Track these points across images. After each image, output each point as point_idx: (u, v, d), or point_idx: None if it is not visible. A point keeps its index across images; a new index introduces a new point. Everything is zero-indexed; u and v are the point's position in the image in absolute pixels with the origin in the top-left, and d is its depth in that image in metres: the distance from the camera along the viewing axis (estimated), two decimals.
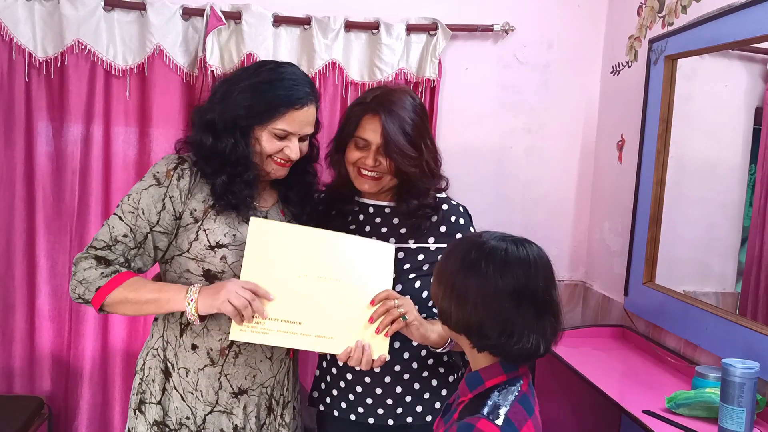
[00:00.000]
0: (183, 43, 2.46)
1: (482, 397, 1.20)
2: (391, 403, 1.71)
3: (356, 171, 1.72)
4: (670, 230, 2.26)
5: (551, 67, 2.70)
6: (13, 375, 2.48)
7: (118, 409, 2.53)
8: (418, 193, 1.72)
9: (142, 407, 1.61)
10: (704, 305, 2.01)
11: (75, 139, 2.46)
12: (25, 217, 2.45)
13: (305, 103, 1.57)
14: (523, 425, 1.16)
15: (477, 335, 1.21)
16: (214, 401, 1.59)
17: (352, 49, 2.53)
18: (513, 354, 1.20)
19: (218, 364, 1.58)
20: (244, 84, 1.56)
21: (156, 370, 1.61)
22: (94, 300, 1.51)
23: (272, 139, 1.57)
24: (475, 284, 1.19)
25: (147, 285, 1.54)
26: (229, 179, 1.55)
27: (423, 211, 1.72)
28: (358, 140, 1.69)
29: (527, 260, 1.21)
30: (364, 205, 1.80)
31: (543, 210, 2.76)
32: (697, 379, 1.83)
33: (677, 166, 2.24)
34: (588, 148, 2.76)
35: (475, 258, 1.21)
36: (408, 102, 1.70)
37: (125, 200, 1.56)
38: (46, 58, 2.39)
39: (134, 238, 1.53)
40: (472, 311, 1.19)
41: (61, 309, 2.51)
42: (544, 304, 1.22)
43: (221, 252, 1.55)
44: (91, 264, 1.51)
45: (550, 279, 1.24)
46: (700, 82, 2.25)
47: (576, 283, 2.81)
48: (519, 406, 1.18)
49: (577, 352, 2.24)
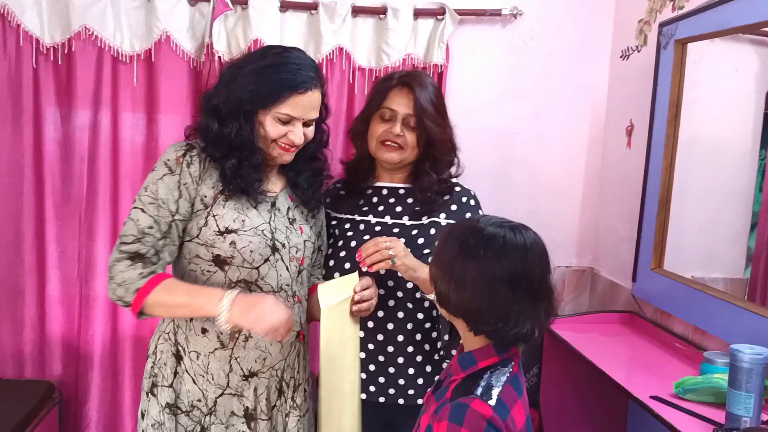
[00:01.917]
0: (190, 29, 2.45)
1: (475, 378, 1.23)
2: (402, 384, 1.75)
3: (380, 143, 1.77)
4: (678, 216, 2.25)
5: (559, 52, 2.67)
6: (24, 360, 2.51)
7: (128, 393, 2.55)
8: (439, 167, 1.83)
9: (155, 390, 1.62)
10: (713, 291, 2.01)
11: (83, 125, 2.46)
12: (33, 203, 2.46)
13: (309, 88, 1.56)
14: (514, 405, 1.20)
15: (474, 320, 1.24)
16: (225, 384, 1.61)
17: (359, 34, 2.52)
18: (509, 338, 1.23)
19: (228, 347, 1.60)
20: (249, 68, 1.57)
21: (167, 353, 1.63)
22: (134, 303, 1.51)
23: (276, 123, 1.57)
24: (474, 270, 1.21)
25: (180, 287, 1.54)
26: (237, 163, 1.55)
27: (439, 187, 1.82)
28: (385, 111, 1.79)
29: (524, 246, 1.23)
30: (377, 188, 1.84)
31: (550, 196, 2.75)
32: (705, 365, 1.83)
33: (686, 152, 2.22)
34: (596, 133, 2.75)
35: (473, 244, 1.23)
36: (430, 81, 1.88)
37: (143, 193, 1.55)
38: (53, 44, 2.39)
39: (159, 228, 1.53)
40: (470, 297, 1.22)
41: (70, 294, 2.52)
42: (540, 290, 1.24)
43: (230, 237, 1.56)
44: (127, 264, 1.51)
45: (546, 264, 1.26)
46: (710, 67, 2.23)
47: (584, 269, 2.80)
48: (510, 387, 1.21)
49: (584, 337, 2.25)
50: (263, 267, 1.59)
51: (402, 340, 1.77)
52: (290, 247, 1.64)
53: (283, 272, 1.62)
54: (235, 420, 1.62)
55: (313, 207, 1.75)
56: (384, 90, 1.82)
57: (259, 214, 1.61)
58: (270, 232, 1.61)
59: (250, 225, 1.57)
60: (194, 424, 1.61)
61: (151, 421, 1.62)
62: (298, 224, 1.69)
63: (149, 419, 1.62)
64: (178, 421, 1.61)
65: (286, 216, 1.67)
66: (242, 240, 1.56)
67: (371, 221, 1.84)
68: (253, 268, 1.58)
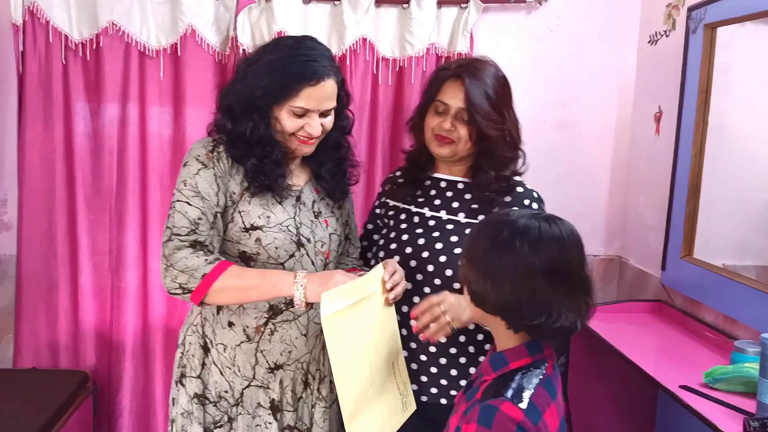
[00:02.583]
0: (215, 22, 2.47)
1: (506, 379, 1.19)
2: (445, 384, 1.73)
3: (433, 135, 1.72)
4: (708, 203, 2.22)
5: (585, 38, 2.64)
6: (58, 350, 2.57)
7: (160, 383, 2.60)
8: (498, 163, 1.73)
9: (183, 380, 1.65)
10: (744, 279, 1.98)
11: (111, 119, 2.50)
12: (65, 197, 2.51)
13: (321, 78, 1.53)
14: (546, 409, 1.15)
15: (514, 316, 1.19)
16: (251, 376, 1.63)
17: (382, 25, 2.52)
18: (551, 332, 1.18)
19: (254, 340, 1.61)
20: (260, 63, 1.55)
21: (196, 345, 1.65)
22: (198, 288, 1.46)
23: (291, 117, 1.55)
24: (510, 263, 1.17)
25: (247, 270, 1.54)
26: (258, 161, 1.55)
27: (498, 185, 1.72)
28: (438, 104, 1.71)
29: (561, 237, 1.19)
30: (436, 180, 1.80)
31: (577, 184, 2.72)
32: (735, 354, 1.80)
33: (716, 138, 2.19)
34: (624, 120, 2.71)
35: (507, 236, 1.18)
36: (491, 70, 1.74)
37: (182, 188, 1.53)
38: (81, 40, 2.43)
39: (207, 219, 1.52)
40: (510, 290, 1.17)
41: (102, 286, 2.57)
42: (579, 281, 1.20)
43: (256, 234, 1.57)
44: (189, 252, 1.48)
45: (583, 255, 1.21)
46: (740, 51, 2.18)
47: (612, 258, 2.78)
48: (543, 389, 1.17)
49: (612, 327, 2.23)
50: (289, 262, 1.60)
51: (445, 340, 1.72)
52: (315, 242, 1.65)
53: (309, 267, 1.63)
54: (262, 411, 1.64)
55: (338, 198, 1.73)
56: (439, 81, 1.74)
57: (284, 209, 1.61)
58: (295, 227, 1.61)
59: (275, 221, 1.58)
60: (221, 414, 1.64)
61: (180, 410, 1.65)
62: (323, 217, 1.69)
63: (179, 408, 1.66)
64: (206, 410, 1.64)
65: (311, 210, 1.67)
66: (267, 237, 1.57)
67: (426, 214, 1.79)
68: (278, 264, 1.59)
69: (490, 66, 1.76)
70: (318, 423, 1.71)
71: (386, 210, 1.88)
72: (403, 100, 2.55)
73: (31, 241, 2.50)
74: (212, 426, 1.64)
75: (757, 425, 1.51)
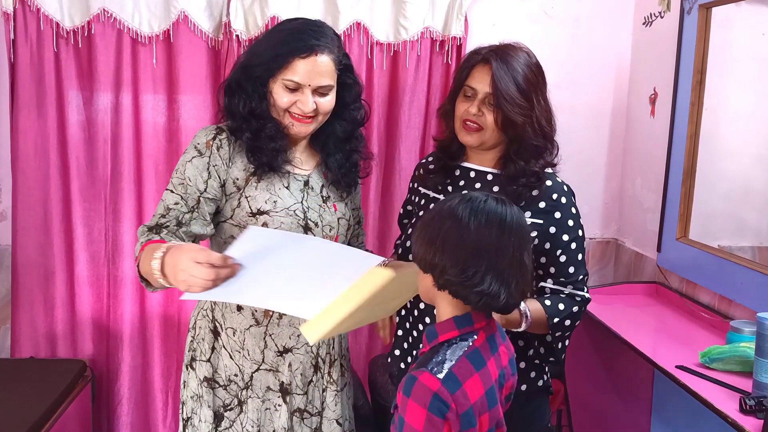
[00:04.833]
0: (207, 8, 2.45)
1: (433, 352, 1.23)
2: None
3: (461, 123, 1.69)
4: (704, 184, 2.22)
5: (581, 20, 2.63)
6: (56, 339, 2.57)
7: (158, 371, 2.60)
8: (527, 153, 1.66)
9: (193, 364, 1.67)
10: (740, 260, 1.98)
11: (105, 107, 2.48)
12: (60, 186, 2.50)
13: (313, 51, 1.52)
14: (468, 379, 1.18)
15: (440, 271, 1.22)
16: (260, 360, 1.64)
17: (377, 8, 2.50)
18: (473, 296, 1.20)
19: (263, 324, 1.62)
20: (261, 38, 1.61)
21: (206, 329, 1.66)
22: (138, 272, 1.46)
23: (284, 91, 1.55)
24: (448, 226, 1.21)
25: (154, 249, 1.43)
26: (253, 135, 1.56)
27: (527, 179, 1.65)
28: (467, 89, 1.67)
29: (503, 215, 1.22)
30: (465, 169, 1.76)
31: (574, 167, 2.68)
32: (731, 334, 1.81)
33: (712, 119, 2.19)
34: (619, 102, 2.71)
35: (452, 205, 1.24)
36: (523, 56, 1.68)
37: (174, 175, 1.57)
38: (73, 27, 2.41)
39: (186, 203, 1.54)
40: (440, 250, 1.21)
41: (99, 275, 2.57)
42: (513, 261, 1.21)
43: (262, 219, 1.57)
44: (143, 230, 1.51)
45: (523, 242, 1.23)
46: (736, 31, 2.18)
47: (608, 241, 2.78)
48: (466, 360, 1.20)
49: (609, 308, 2.24)
50: None
51: None
52: (323, 226, 1.65)
53: None
54: (271, 394, 1.65)
55: (343, 188, 1.72)
56: (468, 66, 1.69)
57: (291, 194, 1.62)
58: (302, 211, 1.61)
59: (282, 206, 1.58)
60: (231, 397, 1.65)
61: (191, 393, 1.67)
62: (332, 202, 1.69)
63: (189, 391, 1.67)
64: (215, 394, 1.65)
65: (319, 194, 1.67)
66: (274, 221, 1.57)
67: None
68: None
69: (522, 51, 1.70)
70: (330, 406, 1.72)
71: (418, 197, 1.85)
72: (398, 84, 2.54)
73: (27, 231, 2.49)
74: (222, 409, 1.65)
75: (753, 404, 1.52)
